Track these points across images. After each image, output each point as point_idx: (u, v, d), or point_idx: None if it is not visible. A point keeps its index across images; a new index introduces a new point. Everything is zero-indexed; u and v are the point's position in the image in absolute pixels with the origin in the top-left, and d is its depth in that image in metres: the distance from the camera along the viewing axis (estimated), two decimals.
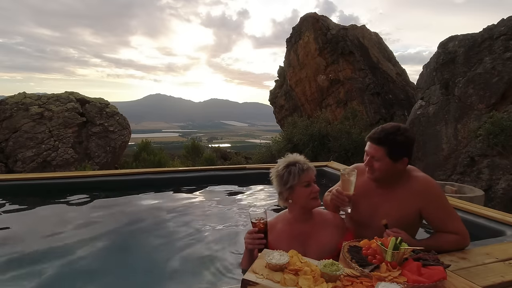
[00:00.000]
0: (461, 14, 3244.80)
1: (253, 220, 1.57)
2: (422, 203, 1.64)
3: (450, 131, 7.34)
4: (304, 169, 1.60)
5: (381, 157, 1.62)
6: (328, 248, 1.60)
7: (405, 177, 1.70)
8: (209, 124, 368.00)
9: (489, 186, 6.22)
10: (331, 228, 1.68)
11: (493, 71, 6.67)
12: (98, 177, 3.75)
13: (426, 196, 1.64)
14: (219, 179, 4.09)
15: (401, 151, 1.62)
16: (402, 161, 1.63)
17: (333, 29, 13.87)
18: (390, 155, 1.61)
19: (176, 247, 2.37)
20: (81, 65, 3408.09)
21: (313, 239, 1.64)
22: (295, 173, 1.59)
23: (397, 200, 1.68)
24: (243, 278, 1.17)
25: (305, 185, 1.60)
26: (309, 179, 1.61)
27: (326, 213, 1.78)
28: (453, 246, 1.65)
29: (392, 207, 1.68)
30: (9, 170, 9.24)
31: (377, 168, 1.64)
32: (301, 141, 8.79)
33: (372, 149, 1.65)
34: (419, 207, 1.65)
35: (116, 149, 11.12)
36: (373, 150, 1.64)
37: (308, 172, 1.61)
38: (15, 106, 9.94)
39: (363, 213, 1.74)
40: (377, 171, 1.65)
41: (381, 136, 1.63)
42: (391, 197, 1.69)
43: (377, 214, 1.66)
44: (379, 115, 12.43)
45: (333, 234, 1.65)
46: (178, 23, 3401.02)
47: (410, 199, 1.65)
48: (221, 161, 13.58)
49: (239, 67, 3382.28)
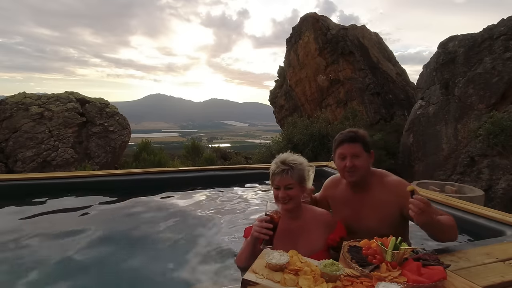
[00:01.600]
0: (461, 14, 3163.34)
1: (269, 211, 1.56)
2: (401, 203, 1.68)
3: (450, 131, 7.34)
4: (274, 172, 1.65)
5: (360, 152, 1.72)
6: (318, 244, 1.64)
7: (378, 180, 1.79)
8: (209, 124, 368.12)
9: (489, 186, 6.23)
10: (321, 225, 1.71)
11: (493, 71, 6.67)
12: (98, 177, 3.74)
13: (402, 194, 1.69)
14: (219, 179, 4.09)
15: (368, 144, 1.77)
16: (371, 154, 1.77)
17: (333, 29, 13.87)
18: (365, 148, 1.74)
19: (176, 247, 2.37)
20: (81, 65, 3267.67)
21: (303, 235, 1.68)
22: (270, 174, 1.68)
23: (376, 203, 1.75)
24: (243, 278, 1.17)
25: (275, 188, 1.66)
26: (277, 183, 1.64)
27: (316, 209, 1.81)
28: (453, 225, 1.63)
29: (372, 209, 1.75)
30: (9, 170, 9.24)
31: (359, 166, 1.72)
32: (301, 141, 8.79)
33: (350, 148, 1.74)
34: (399, 207, 1.70)
35: (116, 149, 11.12)
36: (352, 149, 1.73)
37: (277, 176, 1.63)
38: (15, 106, 9.95)
39: (348, 220, 1.81)
40: (360, 169, 1.72)
41: (353, 135, 1.75)
42: (369, 200, 1.77)
43: (360, 219, 1.77)
44: (379, 115, 12.43)
45: (322, 231, 1.69)
46: (178, 23, 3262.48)
47: (388, 200, 1.72)
48: (221, 161, 13.59)
49: (239, 67, 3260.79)
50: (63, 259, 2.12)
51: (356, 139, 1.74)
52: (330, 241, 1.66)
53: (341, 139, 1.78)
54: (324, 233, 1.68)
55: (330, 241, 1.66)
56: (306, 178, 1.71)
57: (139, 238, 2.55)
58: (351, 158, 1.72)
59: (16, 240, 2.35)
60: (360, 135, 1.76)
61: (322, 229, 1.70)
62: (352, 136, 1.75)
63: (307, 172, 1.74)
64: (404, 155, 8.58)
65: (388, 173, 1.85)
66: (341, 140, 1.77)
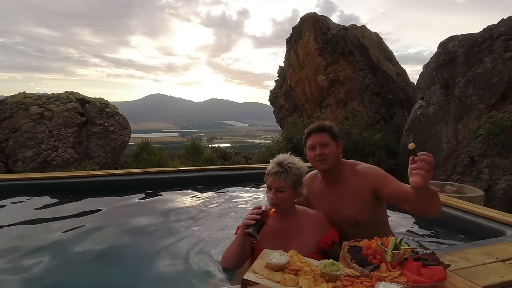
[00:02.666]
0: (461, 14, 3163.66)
1: (264, 205, 1.56)
2: (374, 186, 1.75)
3: (450, 131, 7.34)
4: (269, 173, 1.65)
5: (328, 140, 1.80)
6: (309, 246, 1.63)
7: (349, 170, 1.86)
8: (209, 124, 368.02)
9: (489, 186, 6.23)
10: (313, 226, 1.70)
11: (493, 71, 6.67)
12: (98, 177, 3.74)
13: (374, 178, 1.78)
14: (219, 179, 4.09)
15: (336, 134, 1.84)
16: (339, 143, 1.85)
17: (333, 29, 13.87)
18: (333, 137, 1.82)
19: (176, 247, 2.37)
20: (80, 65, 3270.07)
21: (295, 236, 1.67)
22: (266, 172, 1.69)
23: (350, 191, 1.81)
24: (243, 278, 1.17)
25: (267, 187, 1.67)
26: (270, 183, 1.65)
27: (309, 211, 1.80)
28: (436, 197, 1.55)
29: (348, 198, 1.81)
30: (9, 170, 9.25)
31: (329, 153, 1.78)
32: (301, 141, 8.77)
33: (318, 137, 1.82)
34: (372, 191, 1.76)
35: (116, 149, 11.12)
36: (320, 138, 1.81)
37: (270, 176, 1.64)
38: (15, 106, 9.95)
39: (327, 213, 1.85)
40: (330, 156, 1.78)
41: (320, 126, 1.85)
42: (344, 190, 1.83)
43: (338, 209, 1.83)
44: (379, 115, 12.43)
45: (314, 232, 1.68)
46: (178, 22, 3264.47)
47: (361, 186, 1.78)
48: (221, 161, 13.59)
49: (239, 67, 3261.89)
50: (63, 259, 2.12)
51: (323, 129, 1.83)
52: (322, 244, 1.65)
53: (309, 130, 1.87)
54: (316, 235, 1.67)
55: (322, 244, 1.65)
56: (302, 183, 1.70)
57: (139, 238, 2.55)
58: (320, 147, 1.79)
59: (15, 240, 2.35)
60: (327, 125, 1.85)
61: (314, 231, 1.68)
62: (319, 126, 1.84)
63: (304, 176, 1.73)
64: (404, 155, 8.58)
65: (359, 162, 1.91)
66: (309, 132, 1.86)
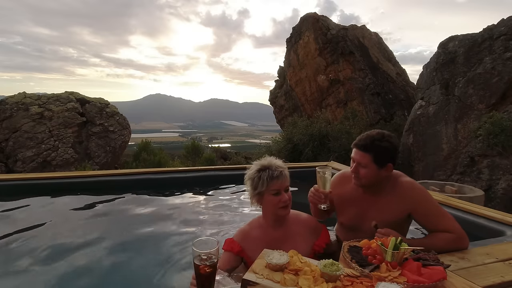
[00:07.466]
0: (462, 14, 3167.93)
1: (196, 260, 1.10)
2: (411, 207, 1.66)
3: (450, 131, 7.34)
4: (273, 176, 1.52)
5: (368, 163, 1.63)
6: (304, 251, 1.56)
7: (391, 182, 1.72)
8: (209, 124, 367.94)
9: (489, 186, 6.23)
10: (307, 232, 1.66)
11: (493, 71, 6.67)
12: (98, 177, 3.74)
13: (414, 200, 1.66)
14: (219, 179, 4.09)
15: (386, 157, 1.64)
16: (387, 167, 1.65)
17: (333, 29, 13.87)
18: (376, 161, 1.62)
19: (176, 247, 2.37)
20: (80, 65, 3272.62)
21: (288, 243, 1.59)
22: (264, 179, 1.52)
23: (385, 205, 1.70)
24: (243, 278, 1.17)
25: (274, 193, 1.54)
26: (278, 187, 1.53)
27: (301, 215, 1.73)
28: (449, 244, 1.63)
29: (380, 212, 1.69)
30: (9, 170, 9.25)
31: (363, 175, 1.65)
32: (301, 141, 8.78)
33: (358, 155, 1.66)
34: (408, 211, 1.67)
35: (116, 149, 11.13)
36: (359, 157, 1.65)
37: (278, 179, 1.52)
38: (15, 106, 9.95)
39: (352, 219, 1.78)
40: (363, 178, 1.66)
41: (367, 143, 1.64)
42: (378, 202, 1.72)
43: (366, 219, 1.69)
44: (379, 115, 12.43)
45: (308, 237, 1.64)
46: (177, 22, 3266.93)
47: (398, 203, 1.68)
48: (221, 161, 13.59)
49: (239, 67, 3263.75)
50: (62, 259, 2.12)
51: (368, 149, 1.63)
52: (316, 247, 1.62)
53: (356, 142, 1.70)
54: (309, 239, 1.64)
55: (316, 247, 1.62)
56: None
57: (139, 238, 2.55)
58: (357, 165, 1.66)
59: (15, 240, 2.35)
60: (375, 145, 1.62)
61: (308, 236, 1.64)
62: (366, 145, 1.64)
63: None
64: (404, 155, 8.58)
65: (402, 173, 1.77)
66: (354, 144, 1.70)
